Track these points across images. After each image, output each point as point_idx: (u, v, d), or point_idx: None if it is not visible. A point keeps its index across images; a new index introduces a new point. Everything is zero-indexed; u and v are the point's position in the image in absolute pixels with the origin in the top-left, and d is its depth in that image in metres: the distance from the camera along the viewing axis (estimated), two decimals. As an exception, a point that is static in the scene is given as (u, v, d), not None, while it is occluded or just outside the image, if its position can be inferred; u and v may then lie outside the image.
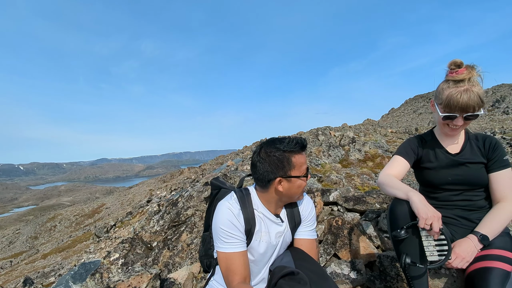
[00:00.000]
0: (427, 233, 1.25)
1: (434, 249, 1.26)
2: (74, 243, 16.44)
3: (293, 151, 1.23)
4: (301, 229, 1.42)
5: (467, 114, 1.32)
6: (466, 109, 1.31)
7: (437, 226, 1.16)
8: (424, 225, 1.17)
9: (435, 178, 1.48)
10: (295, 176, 1.23)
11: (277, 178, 1.22)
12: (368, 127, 15.98)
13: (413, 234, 1.28)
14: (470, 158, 1.43)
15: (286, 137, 1.27)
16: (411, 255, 1.27)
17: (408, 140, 1.63)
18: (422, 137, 1.62)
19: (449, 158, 1.47)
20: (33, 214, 52.99)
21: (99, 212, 33.47)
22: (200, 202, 3.38)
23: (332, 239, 2.22)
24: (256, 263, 1.33)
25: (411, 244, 1.28)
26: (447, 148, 1.50)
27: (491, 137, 1.45)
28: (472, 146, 1.46)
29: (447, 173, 1.46)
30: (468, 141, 1.48)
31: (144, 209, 10.14)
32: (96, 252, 8.24)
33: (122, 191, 47.56)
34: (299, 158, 1.24)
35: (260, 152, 1.27)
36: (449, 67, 1.39)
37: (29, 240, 31.61)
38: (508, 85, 33.14)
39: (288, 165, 1.22)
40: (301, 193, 1.32)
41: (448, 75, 1.37)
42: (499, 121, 17.74)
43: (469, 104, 1.29)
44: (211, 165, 16.22)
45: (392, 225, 1.36)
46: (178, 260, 2.62)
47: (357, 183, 4.83)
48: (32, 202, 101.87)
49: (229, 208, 1.24)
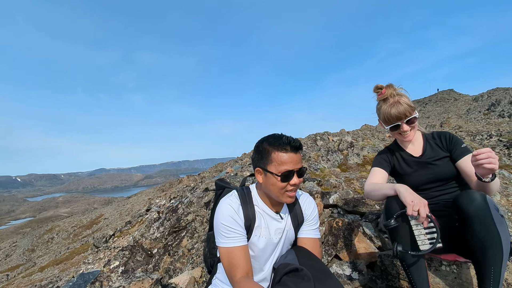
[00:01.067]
0: (416, 222, 1.30)
1: (425, 237, 1.29)
2: (72, 255, 16.19)
3: (276, 147, 1.23)
4: (304, 228, 1.44)
5: (406, 119, 1.57)
6: (400, 117, 1.57)
7: (424, 212, 1.23)
8: (412, 211, 1.24)
9: (411, 181, 1.63)
10: (269, 171, 1.23)
11: (257, 167, 1.30)
12: (366, 132, 16.07)
13: (403, 223, 1.34)
14: (434, 156, 1.61)
15: (281, 134, 1.30)
16: (402, 243, 1.34)
17: (379, 153, 1.84)
18: (389, 148, 1.83)
19: (415, 161, 1.66)
20: (30, 226, 52.28)
21: (97, 223, 33.06)
22: (200, 208, 3.38)
23: (333, 240, 2.23)
24: (256, 258, 1.35)
25: (402, 233, 1.35)
26: (411, 152, 1.70)
27: (445, 132, 1.66)
28: (431, 145, 1.65)
29: (419, 174, 1.64)
30: (427, 141, 1.68)
31: (143, 218, 10.06)
32: (95, 262, 8.13)
33: (121, 201, 47.13)
34: (280, 156, 1.22)
35: (258, 142, 1.35)
36: (375, 91, 1.69)
37: (26, 253, 31.07)
38: (503, 88, 33.52)
39: (267, 159, 1.25)
40: (281, 195, 1.26)
41: (377, 98, 1.68)
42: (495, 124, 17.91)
43: (400, 113, 1.56)
44: (210, 173, 16.17)
45: (385, 217, 1.45)
46: (179, 265, 2.60)
47: (357, 186, 4.84)
48: (30, 214, 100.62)
49: (229, 204, 1.29)
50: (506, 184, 4.58)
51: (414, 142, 1.71)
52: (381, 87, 1.66)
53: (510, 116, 23.73)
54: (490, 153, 1.21)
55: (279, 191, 1.25)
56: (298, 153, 1.26)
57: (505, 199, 3.80)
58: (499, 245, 1.18)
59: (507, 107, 26.77)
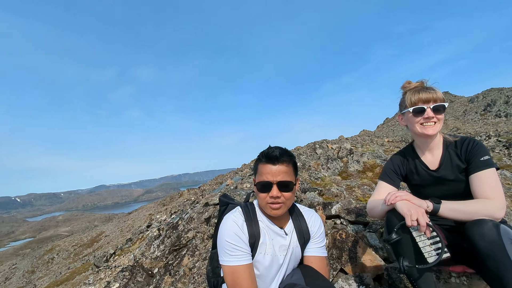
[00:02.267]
0: (418, 233, 1.23)
1: (431, 248, 1.21)
2: (72, 275, 15.84)
3: (259, 159, 1.31)
4: (311, 245, 1.40)
5: (434, 104, 1.39)
6: (428, 100, 1.40)
7: (423, 220, 1.17)
8: (411, 222, 1.18)
9: (422, 194, 1.50)
10: (255, 183, 1.30)
11: (253, 179, 1.35)
12: (365, 137, 16.09)
13: (405, 235, 1.27)
14: (449, 175, 1.44)
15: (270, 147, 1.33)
16: (408, 257, 1.26)
17: (391, 161, 1.67)
18: (403, 153, 1.66)
19: (430, 175, 1.50)
20: (30, 247, 51.43)
21: (98, 241, 32.55)
22: (201, 224, 3.32)
23: (338, 253, 2.17)
24: (261, 278, 1.30)
25: (406, 246, 1.28)
26: (427, 162, 1.52)
27: (470, 139, 1.43)
28: (450, 156, 1.45)
29: (433, 190, 1.51)
30: (447, 151, 1.47)
31: (144, 234, 9.90)
32: (96, 283, 7.94)
33: (121, 217, 46.59)
34: (261, 167, 1.28)
35: None
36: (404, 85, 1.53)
37: (26, 275, 30.42)
38: (497, 88, 33.83)
39: (255, 171, 1.33)
40: (265, 206, 1.26)
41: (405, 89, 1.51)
42: (493, 124, 17.99)
43: (429, 95, 1.40)
44: (210, 185, 16.06)
45: (386, 232, 1.38)
46: (181, 286, 2.52)
47: (358, 194, 4.78)
48: (29, 234, 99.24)
49: (233, 221, 1.27)
50: (509, 184, 4.53)
51: (433, 150, 1.51)
52: (409, 82, 1.52)
53: (507, 115, 23.87)
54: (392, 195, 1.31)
55: (261, 202, 1.28)
56: (277, 164, 1.24)
57: (509, 200, 3.75)
58: None
59: (503, 107, 26.97)
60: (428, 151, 1.52)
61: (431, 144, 1.50)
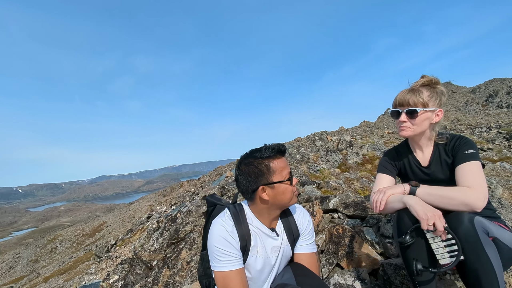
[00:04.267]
0: (433, 235, 1.18)
1: (444, 250, 1.16)
2: (75, 264, 16.13)
3: (270, 157, 1.22)
4: (300, 243, 1.38)
5: (407, 109, 1.39)
6: (403, 103, 1.40)
7: (440, 225, 1.12)
8: (427, 226, 1.14)
9: None
10: (277, 181, 1.20)
11: (260, 186, 1.20)
12: (365, 129, 16.04)
13: (419, 238, 1.22)
14: (438, 172, 1.45)
15: (263, 146, 1.26)
16: (421, 260, 1.22)
17: (384, 156, 1.68)
18: (397, 149, 1.66)
19: (423, 172, 1.51)
20: (33, 237, 52.16)
21: (100, 231, 33.00)
22: (199, 217, 3.33)
23: (334, 248, 2.18)
24: (254, 280, 1.29)
25: (420, 249, 1.23)
26: (419, 159, 1.53)
27: (458, 137, 1.44)
28: (440, 154, 1.46)
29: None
30: (437, 148, 1.48)
31: (144, 225, 10.00)
32: (97, 272, 8.08)
33: (123, 207, 47.06)
34: (278, 163, 1.22)
35: (240, 165, 1.27)
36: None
37: (30, 264, 30.98)
38: (500, 79, 33.50)
39: (268, 172, 1.20)
40: (292, 197, 1.25)
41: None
42: (494, 116, 17.90)
43: (405, 99, 1.39)
44: (210, 177, 16.12)
45: (397, 232, 1.33)
46: (178, 279, 2.55)
47: (357, 187, 4.79)
48: (32, 224, 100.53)
49: (222, 225, 1.22)
50: (508, 176, 4.53)
51: (423, 148, 1.53)
52: (423, 76, 1.46)
53: (509, 106, 23.72)
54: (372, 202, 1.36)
55: (290, 195, 1.24)
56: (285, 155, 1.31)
57: (508, 192, 3.75)
58: (493, 273, 1.09)
59: (504, 97, 26.77)
60: (419, 148, 1.54)
61: (420, 142, 1.51)
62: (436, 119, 1.42)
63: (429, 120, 1.41)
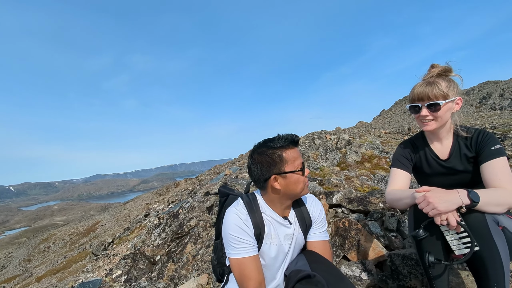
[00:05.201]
0: (447, 228, 1.19)
1: (459, 242, 1.18)
2: (69, 264, 15.93)
3: (283, 146, 1.24)
4: (313, 231, 1.41)
5: (428, 103, 1.35)
6: (422, 97, 1.36)
7: (453, 220, 1.12)
8: (440, 221, 1.14)
9: (429, 183, 1.45)
10: (290, 171, 1.23)
11: (272, 175, 1.23)
12: (362, 129, 16.17)
13: (433, 231, 1.23)
14: (458, 166, 1.42)
15: (276, 135, 1.28)
16: (434, 253, 1.23)
17: (399, 148, 1.62)
18: (413, 141, 1.61)
19: (440, 165, 1.47)
20: (25, 236, 51.41)
21: (94, 230, 32.64)
22: (203, 212, 3.34)
23: (340, 241, 2.21)
24: (268, 267, 1.31)
25: (433, 242, 1.24)
26: (437, 152, 1.49)
27: (480, 130, 1.41)
28: (460, 147, 1.43)
29: (441, 179, 1.48)
30: (457, 142, 1.44)
31: (142, 223, 9.94)
32: (94, 271, 8.00)
33: (117, 207, 46.62)
34: (290, 153, 1.24)
35: (253, 154, 1.29)
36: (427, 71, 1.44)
37: (22, 263, 30.51)
38: (493, 81, 34.05)
39: (281, 161, 1.22)
40: (303, 188, 1.27)
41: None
42: (488, 117, 18.18)
43: (424, 93, 1.34)
44: (208, 175, 16.09)
45: (413, 226, 1.33)
46: (184, 272, 2.56)
47: (357, 184, 4.84)
48: (24, 223, 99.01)
49: (236, 214, 1.24)
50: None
51: (442, 140, 1.48)
52: (433, 66, 1.42)
53: (502, 108, 24.12)
54: (423, 202, 1.17)
55: (302, 186, 1.26)
56: (298, 146, 1.31)
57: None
58: (499, 262, 1.10)
59: (498, 100, 27.21)
60: (438, 141, 1.49)
61: (440, 134, 1.47)
62: (457, 108, 1.40)
63: (451, 110, 1.39)
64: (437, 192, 1.18)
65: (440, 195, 1.16)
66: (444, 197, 1.15)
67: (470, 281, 1.51)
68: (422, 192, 1.23)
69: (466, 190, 1.17)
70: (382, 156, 6.70)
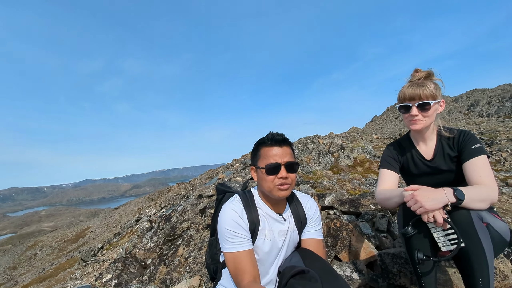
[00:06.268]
0: (434, 225, 1.24)
1: (446, 239, 1.23)
2: (56, 271, 15.49)
3: (263, 143, 1.33)
4: (308, 229, 1.44)
5: (418, 102, 1.42)
6: (414, 97, 1.43)
7: (440, 217, 1.17)
8: (427, 219, 1.19)
9: (416, 183, 1.45)
10: (259, 167, 1.31)
11: (251, 166, 1.39)
12: (354, 134, 16.38)
13: (421, 229, 1.28)
14: (442, 165, 1.49)
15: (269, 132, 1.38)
16: (423, 249, 1.28)
17: (387, 149, 1.69)
18: (400, 143, 1.68)
19: (426, 165, 1.55)
20: (11, 243, 49.77)
21: (83, 236, 31.88)
22: (195, 215, 3.32)
23: (332, 241, 2.23)
24: (262, 262, 1.33)
25: (421, 239, 1.29)
26: (422, 152, 1.57)
27: (461, 131, 1.49)
28: (443, 147, 1.50)
29: (427, 179, 1.55)
30: (440, 142, 1.52)
31: (133, 228, 9.78)
32: (83, 277, 7.80)
33: (108, 212, 45.75)
34: (266, 150, 1.31)
35: None
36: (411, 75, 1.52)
37: (7, 271, 29.50)
38: (481, 89, 35.05)
39: (256, 155, 1.35)
40: (272, 189, 1.27)
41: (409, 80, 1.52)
42: (476, 124, 18.67)
43: (415, 93, 1.42)
44: (201, 180, 15.99)
45: (401, 224, 1.38)
46: (176, 275, 2.53)
47: (349, 188, 4.90)
48: (10, 230, 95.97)
49: (232, 209, 1.28)
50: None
51: (427, 141, 1.56)
52: (417, 70, 1.51)
53: (489, 115, 24.83)
54: (411, 200, 1.22)
55: (269, 185, 1.28)
56: (283, 146, 1.31)
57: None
58: (484, 258, 1.15)
59: (485, 107, 28.00)
60: (423, 142, 1.57)
61: (425, 135, 1.55)
62: (441, 109, 1.49)
63: (436, 111, 1.47)
64: (424, 190, 1.23)
65: (427, 193, 1.21)
66: (431, 195, 1.20)
67: (457, 278, 1.54)
68: (410, 191, 1.28)
69: (452, 188, 1.22)
70: (374, 161, 6.80)
